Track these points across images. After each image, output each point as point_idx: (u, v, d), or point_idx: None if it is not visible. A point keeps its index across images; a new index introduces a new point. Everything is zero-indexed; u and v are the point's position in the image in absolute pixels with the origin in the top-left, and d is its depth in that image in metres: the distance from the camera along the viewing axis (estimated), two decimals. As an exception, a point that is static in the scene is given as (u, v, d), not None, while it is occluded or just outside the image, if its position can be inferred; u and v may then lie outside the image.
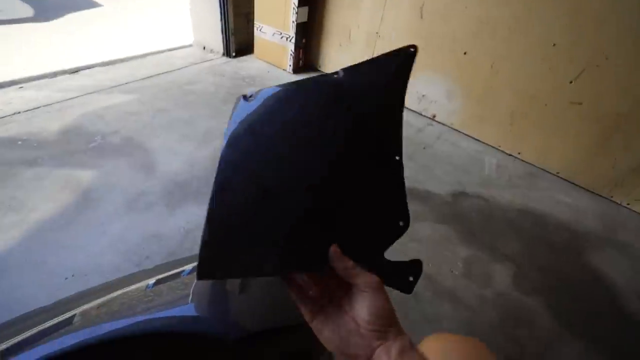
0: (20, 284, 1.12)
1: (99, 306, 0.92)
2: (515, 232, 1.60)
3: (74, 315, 0.89)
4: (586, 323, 1.28)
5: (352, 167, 0.51)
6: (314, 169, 0.48)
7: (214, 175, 0.43)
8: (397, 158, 0.55)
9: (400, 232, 0.56)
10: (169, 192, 1.55)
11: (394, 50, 0.52)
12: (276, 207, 0.46)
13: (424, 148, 2.08)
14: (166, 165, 1.69)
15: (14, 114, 1.88)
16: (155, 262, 1.24)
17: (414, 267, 0.58)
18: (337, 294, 0.44)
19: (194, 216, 1.44)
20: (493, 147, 2.19)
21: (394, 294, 0.46)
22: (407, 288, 0.55)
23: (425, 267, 1.46)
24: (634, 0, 1.56)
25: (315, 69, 2.95)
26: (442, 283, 1.30)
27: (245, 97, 0.42)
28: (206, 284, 0.72)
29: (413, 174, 1.84)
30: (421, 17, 2.19)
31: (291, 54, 2.71)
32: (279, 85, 0.44)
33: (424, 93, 2.41)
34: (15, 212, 1.34)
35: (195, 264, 0.86)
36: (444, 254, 1.43)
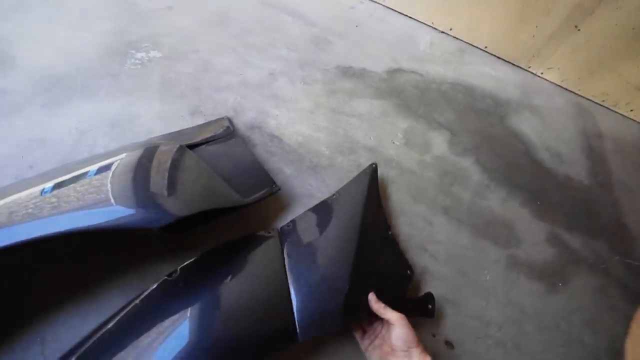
0: None
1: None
2: (448, 103, 1.62)
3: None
4: (507, 173, 1.41)
5: (370, 246, 0.79)
6: (351, 254, 0.75)
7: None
8: (390, 233, 0.92)
9: (410, 278, 0.84)
10: (44, 89, 1.17)
11: (366, 168, 1.04)
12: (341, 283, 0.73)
13: (357, 26, 1.88)
14: (30, 57, 1.25)
15: None
16: (44, 170, 0.97)
17: (429, 298, 0.81)
18: (378, 330, 0.69)
19: (86, 114, 1.13)
20: (425, 24, 2.09)
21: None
22: (431, 313, 0.80)
23: (367, 141, 1.40)
24: None
25: None
26: (386, 153, 1.28)
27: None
28: (126, 186, 0.72)
29: (346, 52, 1.68)
30: None
31: None
32: (308, 211, 0.90)
33: (353, -37, 2.09)
34: None
35: (103, 163, 0.82)
36: (384, 127, 1.38)
